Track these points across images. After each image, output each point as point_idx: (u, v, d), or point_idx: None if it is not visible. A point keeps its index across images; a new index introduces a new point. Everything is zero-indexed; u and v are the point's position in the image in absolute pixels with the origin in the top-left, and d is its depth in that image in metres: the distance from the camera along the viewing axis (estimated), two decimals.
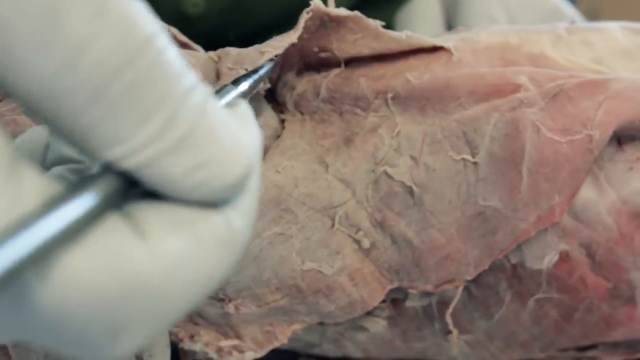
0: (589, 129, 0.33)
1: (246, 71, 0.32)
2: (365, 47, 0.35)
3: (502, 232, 0.34)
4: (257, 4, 0.53)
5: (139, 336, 0.19)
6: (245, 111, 0.22)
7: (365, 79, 0.35)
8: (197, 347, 0.34)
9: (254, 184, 0.21)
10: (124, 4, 0.18)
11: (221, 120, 0.19)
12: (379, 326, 0.37)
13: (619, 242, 0.34)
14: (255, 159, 0.21)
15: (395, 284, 0.35)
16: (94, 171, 0.19)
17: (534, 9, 0.49)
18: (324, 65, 0.35)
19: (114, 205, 0.19)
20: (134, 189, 0.19)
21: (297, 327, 0.35)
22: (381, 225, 0.34)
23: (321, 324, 0.36)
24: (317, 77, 0.35)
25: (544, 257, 0.34)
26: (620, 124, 0.33)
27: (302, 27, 0.33)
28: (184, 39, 0.35)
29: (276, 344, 0.35)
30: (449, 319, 0.36)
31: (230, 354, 0.35)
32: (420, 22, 0.52)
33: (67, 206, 0.17)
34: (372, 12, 0.54)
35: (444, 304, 0.36)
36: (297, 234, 0.33)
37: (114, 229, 0.18)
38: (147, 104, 0.18)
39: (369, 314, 0.36)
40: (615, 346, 0.38)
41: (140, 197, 0.19)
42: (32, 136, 0.24)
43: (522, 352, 0.37)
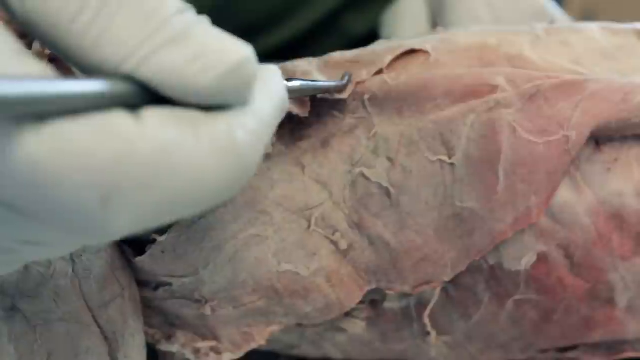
0: (566, 129, 0.33)
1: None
2: None
3: (479, 234, 0.34)
4: (245, 4, 0.53)
5: (127, 207, 0.19)
6: (267, 72, 0.24)
7: None
8: (174, 348, 0.34)
9: (260, 112, 0.22)
10: None
11: (213, 33, 0.21)
12: (358, 327, 0.37)
13: (597, 243, 0.34)
14: (257, 73, 0.22)
15: (373, 286, 0.35)
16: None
17: (520, 9, 0.49)
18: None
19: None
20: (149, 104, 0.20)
21: (275, 328, 0.35)
22: (358, 226, 0.34)
23: (300, 325, 0.36)
24: None
25: (521, 259, 0.34)
26: (597, 125, 0.33)
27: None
28: None
29: (254, 346, 0.35)
30: (427, 320, 0.36)
31: (207, 355, 0.35)
32: (405, 22, 0.52)
33: (70, 82, 0.18)
34: (358, 11, 0.54)
35: (422, 305, 0.36)
36: (273, 235, 0.33)
37: (115, 114, 0.19)
38: (142, 14, 0.20)
39: (348, 315, 0.37)
40: (595, 347, 0.38)
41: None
42: None
43: (502, 353, 0.37)
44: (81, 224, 0.19)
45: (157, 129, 0.19)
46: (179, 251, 0.33)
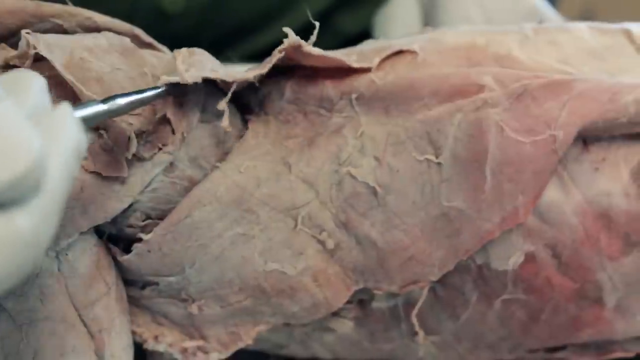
0: (553, 129, 0.33)
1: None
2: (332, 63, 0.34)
3: (467, 233, 0.33)
4: (237, 3, 0.53)
5: None
6: (57, 116, 0.23)
7: (330, 80, 0.34)
8: (161, 347, 0.34)
9: (54, 184, 0.21)
10: None
11: (4, 122, 0.20)
12: (346, 327, 0.37)
13: (585, 243, 0.34)
14: (47, 163, 0.21)
15: (360, 285, 0.35)
16: None
17: (512, 9, 0.49)
18: (289, 66, 0.35)
19: None
20: None
21: (262, 328, 0.35)
22: (345, 225, 0.34)
23: (288, 325, 0.36)
24: (282, 78, 0.35)
25: (509, 258, 0.34)
26: (584, 125, 0.33)
27: (272, 64, 0.32)
28: (148, 39, 0.35)
29: (241, 345, 0.35)
30: (414, 320, 0.36)
31: (194, 354, 0.35)
32: (397, 24, 0.52)
33: None
34: (350, 11, 0.54)
35: (410, 305, 0.36)
36: (259, 234, 0.33)
37: None
38: None
39: (336, 314, 0.36)
40: (584, 347, 0.38)
41: None
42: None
43: (490, 353, 0.37)
44: None
45: None
46: (164, 250, 0.33)
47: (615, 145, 0.35)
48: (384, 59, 0.35)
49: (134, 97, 0.30)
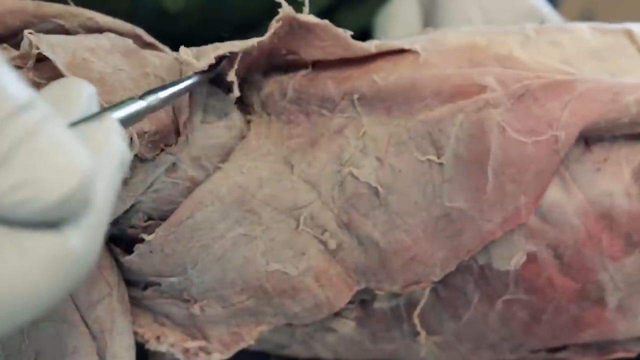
0: (555, 129, 0.33)
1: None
2: (332, 54, 0.34)
3: (468, 233, 0.33)
4: (237, 1, 0.53)
5: None
6: (103, 131, 0.23)
7: (331, 80, 0.34)
8: (163, 348, 0.34)
9: (101, 200, 0.21)
10: None
11: (54, 140, 0.20)
12: (347, 327, 0.37)
13: (587, 243, 0.34)
14: (97, 176, 0.21)
15: (362, 286, 0.35)
16: None
17: (511, 10, 0.49)
18: (291, 66, 0.35)
19: None
20: None
21: (264, 328, 0.35)
22: (347, 226, 0.34)
23: (290, 325, 0.36)
24: (283, 78, 0.35)
25: (511, 258, 0.34)
26: (586, 125, 0.33)
27: (272, 33, 0.32)
28: (150, 39, 0.35)
29: (243, 345, 0.35)
30: (416, 320, 0.36)
31: (196, 355, 0.35)
32: (398, 24, 0.52)
33: None
34: (350, 9, 0.54)
35: (412, 305, 0.36)
36: (261, 235, 0.33)
37: None
38: None
39: (338, 315, 0.36)
40: (586, 347, 0.38)
41: None
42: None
43: (492, 353, 0.37)
44: None
45: None
46: (167, 250, 0.33)
47: (617, 145, 0.35)
48: (386, 59, 0.35)
49: (171, 89, 0.29)
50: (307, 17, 0.33)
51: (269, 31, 0.32)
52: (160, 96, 0.28)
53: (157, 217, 0.33)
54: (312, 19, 0.33)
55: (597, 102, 0.33)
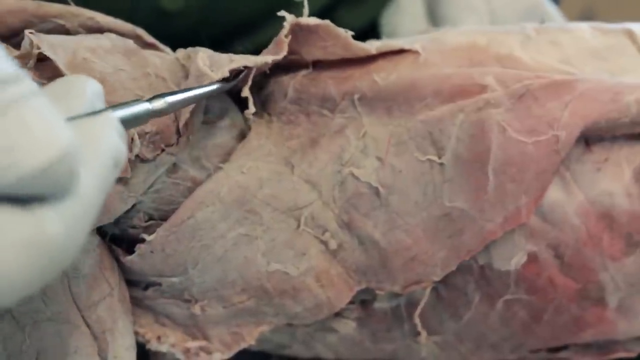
0: (555, 129, 0.33)
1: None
2: (333, 54, 0.34)
3: (469, 233, 0.33)
4: (237, 0, 0.53)
5: None
6: (98, 125, 0.22)
7: (332, 80, 0.34)
8: (164, 348, 0.34)
9: (87, 191, 0.21)
10: None
11: (36, 113, 0.19)
12: (348, 327, 0.37)
13: (587, 243, 0.34)
14: (80, 164, 0.20)
15: (362, 286, 0.35)
16: None
17: (516, 2, 0.49)
18: (292, 66, 0.35)
19: None
20: None
21: (264, 328, 0.35)
22: (348, 226, 0.34)
23: (290, 325, 0.36)
24: (284, 78, 0.35)
25: (511, 258, 0.34)
26: (586, 125, 0.33)
27: (286, 50, 0.33)
28: (150, 39, 0.35)
29: (244, 345, 0.35)
30: (417, 320, 0.36)
31: (197, 355, 0.35)
32: (405, 18, 0.52)
33: None
34: (352, 7, 0.54)
35: (412, 305, 0.36)
36: (262, 235, 0.33)
37: None
38: None
39: (338, 315, 0.36)
40: (586, 347, 0.38)
41: None
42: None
43: (493, 353, 0.37)
44: None
45: None
46: (167, 250, 0.33)
47: (617, 145, 0.35)
48: (386, 59, 0.35)
49: (181, 95, 0.29)
50: (308, 19, 0.33)
51: (280, 47, 0.32)
52: (168, 100, 0.28)
53: (158, 217, 0.33)
54: (313, 20, 0.33)
55: (598, 102, 0.33)
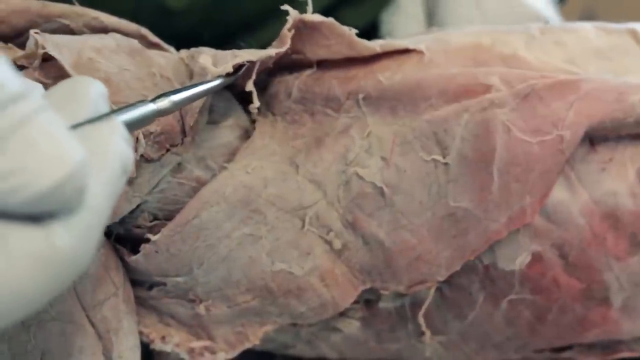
0: (560, 129, 0.33)
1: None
2: (337, 53, 0.34)
3: (474, 233, 0.33)
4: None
5: None
6: (105, 133, 0.22)
7: (336, 80, 0.34)
8: (168, 348, 0.34)
9: (96, 202, 0.21)
10: None
11: (45, 130, 0.19)
12: (352, 327, 0.37)
13: (592, 243, 0.34)
14: (90, 177, 0.20)
15: (367, 285, 0.35)
16: None
17: (513, 13, 0.49)
18: (296, 66, 0.35)
19: None
20: None
21: (269, 328, 0.35)
22: (352, 226, 0.34)
23: (294, 325, 0.36)
24: (288, 78, 0.35)
25: (516, 258, 0.34)
26: (591, 125, 0.33)
27: (289, 43, 0.33)
28: (155, 39, 0.35)
29: (248, 345, 0.35)
30: (421, 320, 0.36)
31: (201, 354, 0.35)
32: (405, 21, 0.52)
33: None
34: (354, 7, 0.54)
35: (417, 305, 0.36)
36: (266, 234, 0.33)
37: None
38: None
39: (343, 314, 0.36)
40: (590, 347, 0.38)
41: None
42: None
43: (497, 353, 0.37)
44: None
45: None
46: (172, 250, 0.33)
47: (622, 145, 0.35)
48: (391, 59, 0.35)
49: (185, 93, 0.29)
50: (312, 16, 0.33)
51: (283, 41, 0.32)
52: (173, 99, 0.28)
53: (162, 217, 0.33)
54: (317, 17, 0.33)
55: (603, 101, 0.33)
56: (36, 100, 0.20)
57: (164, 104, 0.28)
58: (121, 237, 0.33)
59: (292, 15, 0.33)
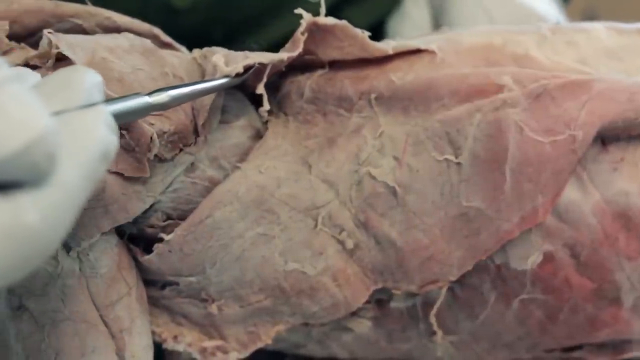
0: (572, 129, 0.33)
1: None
2: (350, 54, 0.34)
3: (486, 233, 0.34)
4: None
5: None
6: (87, 118, 0.22)
7: (349, 80, 0.34)
8: (180, 347, 0.34)
9: (70, 182, 0.20)
10: None
11: (15, 97, 0.19)
12: (364, 327, 0.37)
13: (603, 243, 0.34)
14: (60, 151, 0.20)
15: (379, 285, 0.35)
16: None
17: (518, 18, 0.50)
18: (308, 66, 0.35)
19: None
20: None
21: (281, 327, 0.35)
22: (365, 225, 0.34)
23: (306, 324, 0.36)
24: (300, 78, 0.35)
25: (528, 258, 0.34)
26: (603, 125, 0.33)
27: (301, 47, 0.33)
28: (167, 39, 0.35)
29: (260, 345, 0.35)
30: (433, 319, 0.36)
31: (214, 354, 0.35)
32: (410, 25, 0.52)
33: None
34: (358, 6, 0.55)
35: (428, 304, 0.36)
36: (279, 234, 0.33)
37: None
38: None
39: (354, 314, 0.36)
40: (600, 347, 0.38)
41: None
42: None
43: (508, 352, 0.37)
44: None
45: None
46: (185, 250, 0.33)
47: (633, 145, 0.35)
48: (403, 59, 0.35)
49: (186, 89, 0.29)
50: (326, 19, 0.33)
51: (296, 45, 0.33)
52: (171, 94, 0.28)
53: (176, 217, 0.33)
54: (330, 20, 0.33)
55: (615, 101, 0.33)
56: (6, 71, 0.20)
57: (161, 98, 0.28)
58: (134, 236, 0.33)
59: (306, 18, 0.33)
